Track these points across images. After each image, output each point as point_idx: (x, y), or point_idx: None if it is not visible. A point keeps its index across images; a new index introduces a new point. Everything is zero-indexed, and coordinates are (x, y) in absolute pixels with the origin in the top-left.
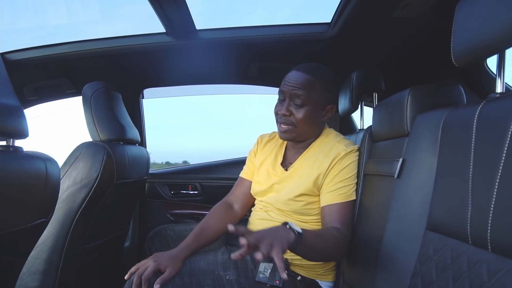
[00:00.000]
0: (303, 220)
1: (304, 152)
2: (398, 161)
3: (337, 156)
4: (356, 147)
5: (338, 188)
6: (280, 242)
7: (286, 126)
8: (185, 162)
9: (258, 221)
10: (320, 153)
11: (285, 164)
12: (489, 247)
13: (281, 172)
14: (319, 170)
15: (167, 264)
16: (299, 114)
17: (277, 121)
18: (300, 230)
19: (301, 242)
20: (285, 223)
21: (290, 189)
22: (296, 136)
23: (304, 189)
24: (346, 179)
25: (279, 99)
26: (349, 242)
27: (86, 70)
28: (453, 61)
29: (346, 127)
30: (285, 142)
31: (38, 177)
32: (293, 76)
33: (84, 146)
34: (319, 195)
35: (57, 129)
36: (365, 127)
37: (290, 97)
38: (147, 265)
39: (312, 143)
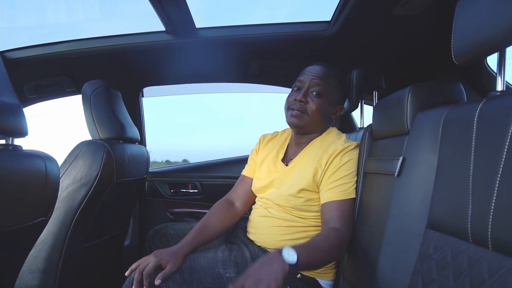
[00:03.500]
0: (303, 216)
1: (305, 148)
2: (398, 159)
3: (334, 151)
4: (354, 143)
5: (338, 186)
6: (267, 284)
7: (298, 112)
8: (185, 160)
9: (258, 218)
10: (320, 149)
11: (286, 160)
12: (490, 245)
13: (282, 168)
14: (318, 165)
15: (168, 259)
16: (315, 104)
17: (288, 108)
18: (295, 260)
19: (297, 268)
20: (281, 251)
21: (290, 184)
22: (305, 125)
23: (304, 184)
24: (345, 176)
25: (293, 89)
26: (348, 240)
27: (86, 69)
28: (453, 59)
29: (346, 125)
30: (287, 140)
31: (38, 175)
32: (314, 68)
33: (83, 145)
34: (319, 192)
35: (54, 128)
36: (365, 126)
37: (310, 85)
38: (148, 261)
39: (314, 140)
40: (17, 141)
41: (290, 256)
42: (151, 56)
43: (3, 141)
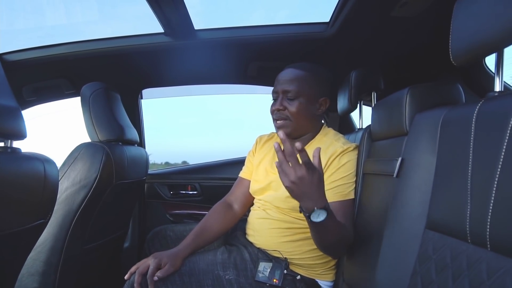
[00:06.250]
0: (301, 218)
1: None
2: (397, 160)
3: (334, 153)
4: (353, 145)
5: (335, 187)
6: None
7: (281, 121)
8: (184, 162)
9: (257, 220)
10: None
11: None
12: (488, 245)
13: None
14: None
15: (167, 261)
16: (293, 107)
17: (273, 120)
18: (319, 220)
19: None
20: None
21: None
22: (292, 131)
23: None
24: (344, 177)
25: (273, 99)
26: (352, 238)
27: (85, 71)
28: (451, 59)
29: (345, 126)
30: None
31: (37, 178)
32: (283, 74)
33: (82, 147)
34: None
35: (54, 130)
36: (364, 126)
37: (283, 92)
38: (147, 263)
39: (310, 141)
40: (16, 144)
41: (319, 218)
42: (150, 58)
43: (1, 144)
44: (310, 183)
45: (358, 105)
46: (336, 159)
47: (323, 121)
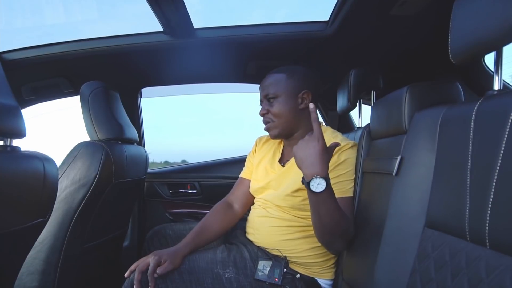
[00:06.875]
0: (301, 216)
1: None
2: (396, 159)
3: None
4: (351, 142)
5: (334, 184)
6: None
7: (267, 124)
8: (183, 161)
9: (257, 218)
10: None
11: (283, 161)
12: (487, 244)
13: (279, 169)
14: None
15: (166, 258)
16: (274, 108)
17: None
18: (319, 190)
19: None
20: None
21: (287, 184)
22: (280, 131)
23: (301, 184)
24: (342, 175)
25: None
26: (352, 234)
27: (84, 70)
28: (450, 58)
29: (344, 125)
30: (283, 141)
31: (36, 176)
32: (262, 82)
33: (82, 146)
34: None
35: (52, 129)
36: (363, 125)
37: (264, 97)
38: (147, 261)
39: None
40: (16, 142)
41: (318, 188)
42: (149, 56)
43: (1, 142)
44: (314, 148)
45: (358, 104)
46: (334, 156)
47: (321, 120)
